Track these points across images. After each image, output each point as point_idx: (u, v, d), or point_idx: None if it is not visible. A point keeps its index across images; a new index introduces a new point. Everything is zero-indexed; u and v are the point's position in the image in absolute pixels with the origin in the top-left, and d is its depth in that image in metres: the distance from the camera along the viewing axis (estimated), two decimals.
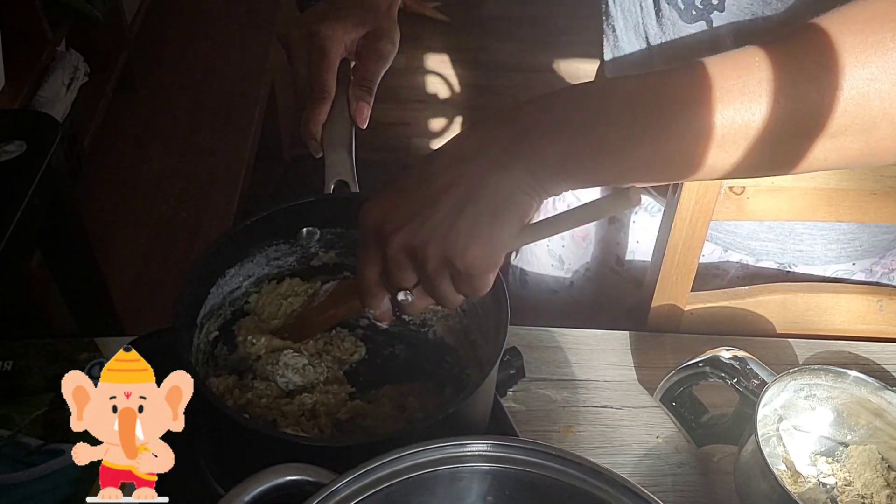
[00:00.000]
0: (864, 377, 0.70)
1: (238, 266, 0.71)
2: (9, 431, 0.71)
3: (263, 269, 0.73)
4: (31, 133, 0.87)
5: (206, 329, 0.69)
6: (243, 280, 0.72)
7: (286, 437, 0.60)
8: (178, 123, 1.64)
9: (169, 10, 1.91)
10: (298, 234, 0.73)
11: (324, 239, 0.74)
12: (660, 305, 0.89)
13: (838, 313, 0.91)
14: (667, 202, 0.86)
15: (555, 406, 0.79)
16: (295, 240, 0.73)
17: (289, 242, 0.73)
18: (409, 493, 0.52)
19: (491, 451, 0.53)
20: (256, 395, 0.68)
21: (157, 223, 1.43)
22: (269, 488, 0.49)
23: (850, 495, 0.70)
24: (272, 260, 0.73)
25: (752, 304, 0.90)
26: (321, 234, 0.73)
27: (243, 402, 0.68)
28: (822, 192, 0.83)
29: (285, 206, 0.70)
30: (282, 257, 0.73)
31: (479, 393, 0.60)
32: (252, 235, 0.70)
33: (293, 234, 0.73)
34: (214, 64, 1.80)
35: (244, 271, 0.72)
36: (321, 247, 0.74)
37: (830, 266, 0.93)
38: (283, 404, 0.68)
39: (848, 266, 0.94)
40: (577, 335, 0.86)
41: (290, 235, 0.72)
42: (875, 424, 0.72)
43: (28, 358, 0.77)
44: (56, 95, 1.25)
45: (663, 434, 0.78)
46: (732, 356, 0.70)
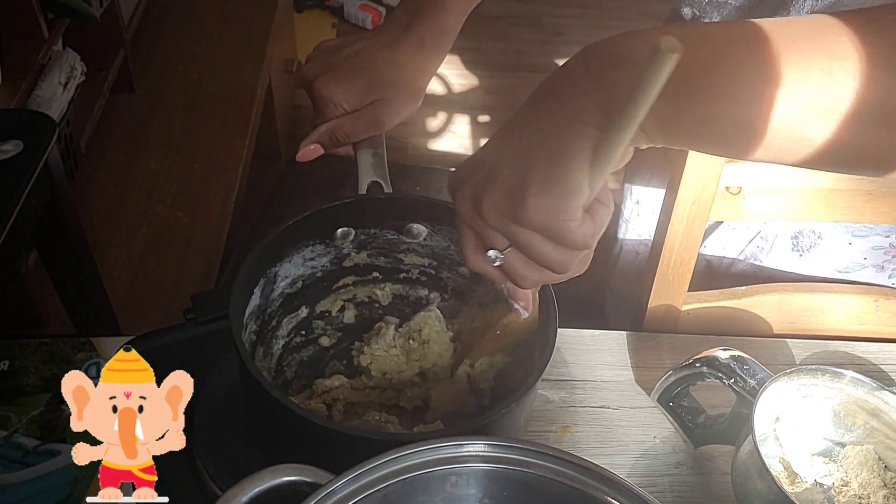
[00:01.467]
0: (861, 377, 0.71)
1: (278, 266, 0.71)
2: (5, 432, 0.71)
3: (299, 270, 0.73)
4: (28, 132, 0.86)
5: (249, 329, 0.69)
6: (281, 280, 0.72)
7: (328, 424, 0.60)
8: (174, 123, 1.64)
9: (166, 10, 1.91)
10: (333, 235, 0.73)
11: (357, 240, 0.74)
12: (657, 306, 0.89)
13: (835, 313, 0.91)
14: (664, 202, 0.86)
15: (552, 406, 0.79)
16: (330, 240, 0.73)
17: (324, 243, 0.73)
18: (406, 494, 0.52)
19: (488, 452, 0.53)
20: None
21: (153, 223, 1.43)
22: (267, 489, 0.49)
23: (846, 495, 0.71)
24: (308, 260, 0.73)
25: (749, 305, 0.90)
26: (356, 234, 0.74)
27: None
28: (819, 192, 0.84)
29: (322, 207, 0.71)
30: (317, 258, 0.74)
31: (525, 401, 0.60)
32: (291, 236, 0.71)
33: (329, 235, 0.73)
34: (211, 63, 1.79)
35: (283, 272, 0.72)
36: (353, 247, 0.74)
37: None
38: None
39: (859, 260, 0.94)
40: (574, 335, 0.86)
41: (326, 236, 0.73)
42: (872, 425, 0.72)
43: (24, 358, 0.76)
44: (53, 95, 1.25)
45: (660, 434, 0.78)
46: (729, 356, 0.71)
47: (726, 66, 0.47)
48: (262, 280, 0.69)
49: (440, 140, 2.36)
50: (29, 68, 1.23)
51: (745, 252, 0.98)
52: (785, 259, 0.96)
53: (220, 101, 1.71)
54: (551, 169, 0.50)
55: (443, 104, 2.50)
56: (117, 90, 1.62)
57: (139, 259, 1.37)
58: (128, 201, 1.47)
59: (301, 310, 0.76)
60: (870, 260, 0.93)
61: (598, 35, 0.51)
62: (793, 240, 0.94)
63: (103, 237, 1.39)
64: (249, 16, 1.95)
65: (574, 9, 2.87)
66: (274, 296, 0.72)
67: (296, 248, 0.72)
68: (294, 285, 0.74)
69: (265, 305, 0.72)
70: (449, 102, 2.52)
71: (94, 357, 0.77)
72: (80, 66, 1.35)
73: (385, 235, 0.74)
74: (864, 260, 0.93)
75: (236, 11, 1.96)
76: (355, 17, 2.72)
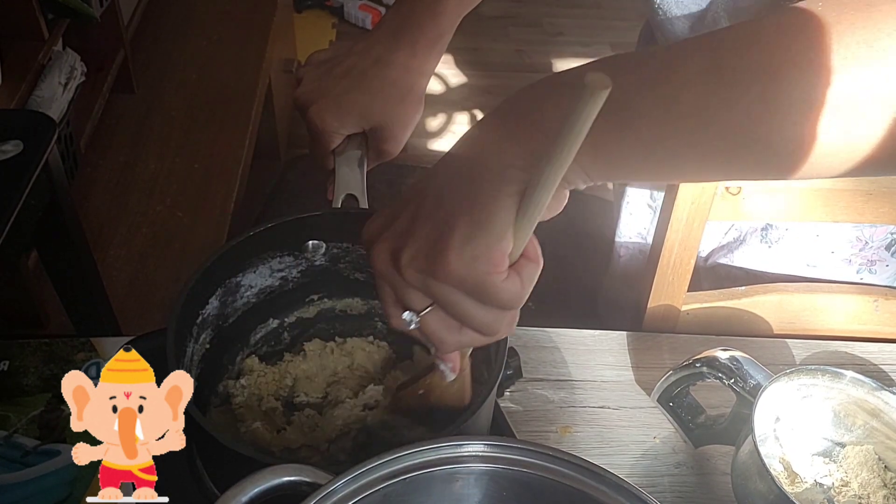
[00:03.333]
0: (861, 377, 0.71)
1: (240, 276, 0.70)
2: (5, 432, 0.71)
3: (266, 281, 0.72)
4: (28, 133, 0.86)
5: (202, 339, 0.68)
6: (245, 291, 0.71)
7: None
8: (174, 123, 1.63)
9: (165, 10, 1.91)
10: (304, 247, 0.72)
11: (329, 253, 0.73)
12: (656, 306, 0.89)
13: (835, 313, 0.91)
14: (663, 202, 0.86)
15: (552, 406, 0.79)
16: (300, 252, 0.72)
17: (293, 255, 0.72)
18: (406, 494, 0.52)
19: (488, 452, 0.53)
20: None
21: (153, 223, 1.43)
22: (266, 489, 0.49)
23: (846, 496, 0.71)
24: (276, 272, 0.72)
25: (748, 305, 0.90)
26: (327, 247, 0.73)
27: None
28: (818, 192, 0.84)
29: (292, 217, 0.69)
30: (286, 269, 0.73)
31: (481, 413, 0.59)
32: (257, 245, 0.69)
33: (299, 247, 0.72)
34: (211, 64, 1.79)
35: (247, 281, 0.71)
36: (326, 260, 0.74)
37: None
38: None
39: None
40: (574, 335, 0.86)
41: (295, 248, 0.72)
42: (872, 425, 0.72)
43: (24, 358, 0.76)
44: (53, 95, 1.25)
45: (660, 434, 0.78)
46: (729, 356, 0.71)
47: (667, 84, 0.45)
48: (219, 289, 0.68)
49: (439, 140, 2.36)
50: (29, 68, 1.23)
51: (722, 243, 0.98)
52: (755, 251, 0.96)
53: (219, 102, 1.71)
54: (474, 217, 0.46)
55: (442, 104, 2.50)
56: (117, 90, 1.62)
57: (139, 259, 1.37)
58: (128, 201, 1.47)
59: (270, 321, 0.75)
60: (838, 254, 0.93)
61: (598, 35, 0.51)
62: (763, 231, 0.94)
63: (103, 237, 1.39)
64: (249, 16, 1.95)
65: (573, 9, 2.87)
66: (237, 305, 0.71)
67: (261, 258, 0.70)
68: (260, 296, 0.73)
69: (227, 314, 0.71)
70: (448, 102, 2.52)
71: (93, 357, 0.77)
72: (79, 66, 1.35)
73: (358, 250, 0.73)
74: (832, 254, 0.93)
75: (236, 12, 1.96)
76: (355, 17, 2.72)
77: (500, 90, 2.55)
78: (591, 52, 2.66)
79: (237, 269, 0.69)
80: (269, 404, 0.70)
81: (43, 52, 1.26)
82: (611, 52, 3.04)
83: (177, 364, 0.58)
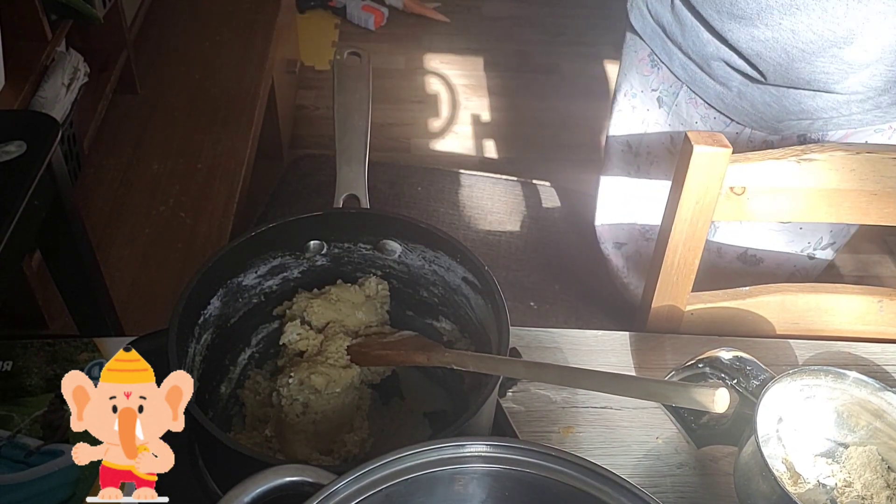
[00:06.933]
0: (864, 378, 0.70)
1: (242, 276, 0.70)
2: (8, 432, 0.71)
3: (268, 281, 0.72)
4: (31, 133, 0.87)
5: (204, 339, 0.68)
6: (247, 291, 0.71)
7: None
8: (177, 124, 1.64)
9: (168, 11, 1.91)
10: (305, 247, 0.72)
11: (330, 253, 0.73)
12: (660, 306, 0.89)
13: (838, 314, 0.91)
14: (668, 202, 0.86)
15: (554, 407, 0.79)
16: (301, 252, 0.72)
17: (295, 255, 0.72)
18: (408, 494, 0.52)
19: (490, 452, 0.53)
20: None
21: (156, 223, 1.43)
22: (269, 489, 0.49)
23: (849, 496, 0.70)
24: (277, 272, 0.72)
25: (751, 305, 0.90)
26: (328, 247, 0.73)
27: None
28: (822, 192, 0.83)
29: (293, 218, 0.70)
30: (287, 269, 0.73)
31: (483, 413, 0.59)
32: (258, 246, 0.70)
33: (300, 247, 0.72)
34: (214, 64, 1.80)
35: (248, 281, 0.71)
36: (328, 260, 0.74)
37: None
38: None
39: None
40: (576, 336, 0.86)
41: (297, 248, 0.72)
42: (875, 425, 0.71)
43: (27, 358, 0.76)
44: (56, 96, 1.25)
45: (663, 435, 0.78)
46: (732, 357, 0.70)
47: None
48: (220, 290, 0.68)
49: (442, 140, 2.36)
50: (32, 69, 1.23)
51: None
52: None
53: (222, 102, 1.71)
54: None
55: (444, 104, 2.50)
56: (120, 91, 1.62)
57: (142, 260, 1.37)
58: (130, 202, 1.47)
59: (271, 321, 0.75)
60: (782, 234, 0.94)
61: (601, 36, 0.51)
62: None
63: (106, 238, 1.39)
64: (252, 17, 1.95)
65: (577, 9, 2.86)
66: (238, 305, 0.71)
67: (262, 258, 0.70)
68: (262, 296, 0.73)
69: (229, 315, 0.71)
70: (450, 103, 2.52)
71: (96, 358, 0.77)
72: (83, 67, 1.35)
73: (360, 250, 0.73)
74: (777, 233, 0.93)
75: (239, 12, 1.96)
76: (358, 18, 2.72)
77: (504, 91, 2.55)
78: (593, 52, 2.66)
79: (239, 270, 0.70)
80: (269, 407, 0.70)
81: (46, 52, 1.26)
82: (613, 52, 3.01)
83: (178, 364, 0.59)
